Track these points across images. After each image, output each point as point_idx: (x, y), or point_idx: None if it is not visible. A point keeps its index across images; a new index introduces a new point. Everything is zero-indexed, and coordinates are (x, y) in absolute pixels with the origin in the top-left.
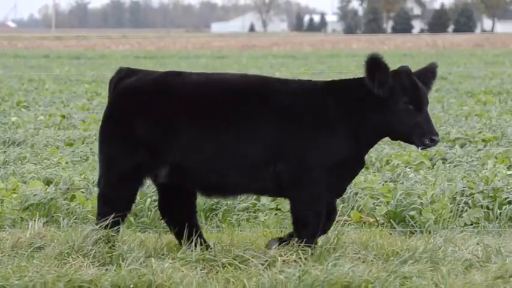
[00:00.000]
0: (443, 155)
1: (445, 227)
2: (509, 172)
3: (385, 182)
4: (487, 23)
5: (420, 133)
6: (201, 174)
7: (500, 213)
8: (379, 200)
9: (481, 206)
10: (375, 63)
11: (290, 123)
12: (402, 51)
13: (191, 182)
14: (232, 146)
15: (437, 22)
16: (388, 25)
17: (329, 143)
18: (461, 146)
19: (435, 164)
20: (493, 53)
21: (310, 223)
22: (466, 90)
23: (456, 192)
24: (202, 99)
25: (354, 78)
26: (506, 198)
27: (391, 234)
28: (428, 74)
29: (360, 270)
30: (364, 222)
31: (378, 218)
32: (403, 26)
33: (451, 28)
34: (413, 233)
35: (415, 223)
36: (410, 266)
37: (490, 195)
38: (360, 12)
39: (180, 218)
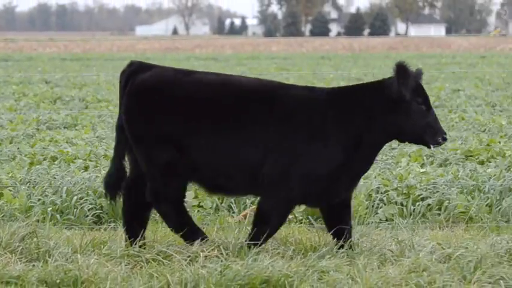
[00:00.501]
0: None
1: (361, 222)
2: (422, 170)
3: None
4: (400, 26)
5: (433, 132)
6: (209, 175)
7: (414, 209)
8: None
9: (396, 203)
10: (405, 71)
11: (286, 129)
12: (320, 53)
13: (199, 181)
14: (237, 148)
15: (354, 26)
16: (307, 28)
17: (319, 154)
18: None
19: None
20: (407, 56)
21: (271, 223)
22: None
23: (372, 190)
24: (215, 100)
25: (359, 84)
26: (419, 195)
27: (309, 230)
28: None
29: (280, 265)
30: None
31: (296, 215)
32: (320, 29)
33: (366, 31)
34: None
35: None
36: (327, 261)
37: (404, 192)
38: (279, 16)
39: (136, 209)
